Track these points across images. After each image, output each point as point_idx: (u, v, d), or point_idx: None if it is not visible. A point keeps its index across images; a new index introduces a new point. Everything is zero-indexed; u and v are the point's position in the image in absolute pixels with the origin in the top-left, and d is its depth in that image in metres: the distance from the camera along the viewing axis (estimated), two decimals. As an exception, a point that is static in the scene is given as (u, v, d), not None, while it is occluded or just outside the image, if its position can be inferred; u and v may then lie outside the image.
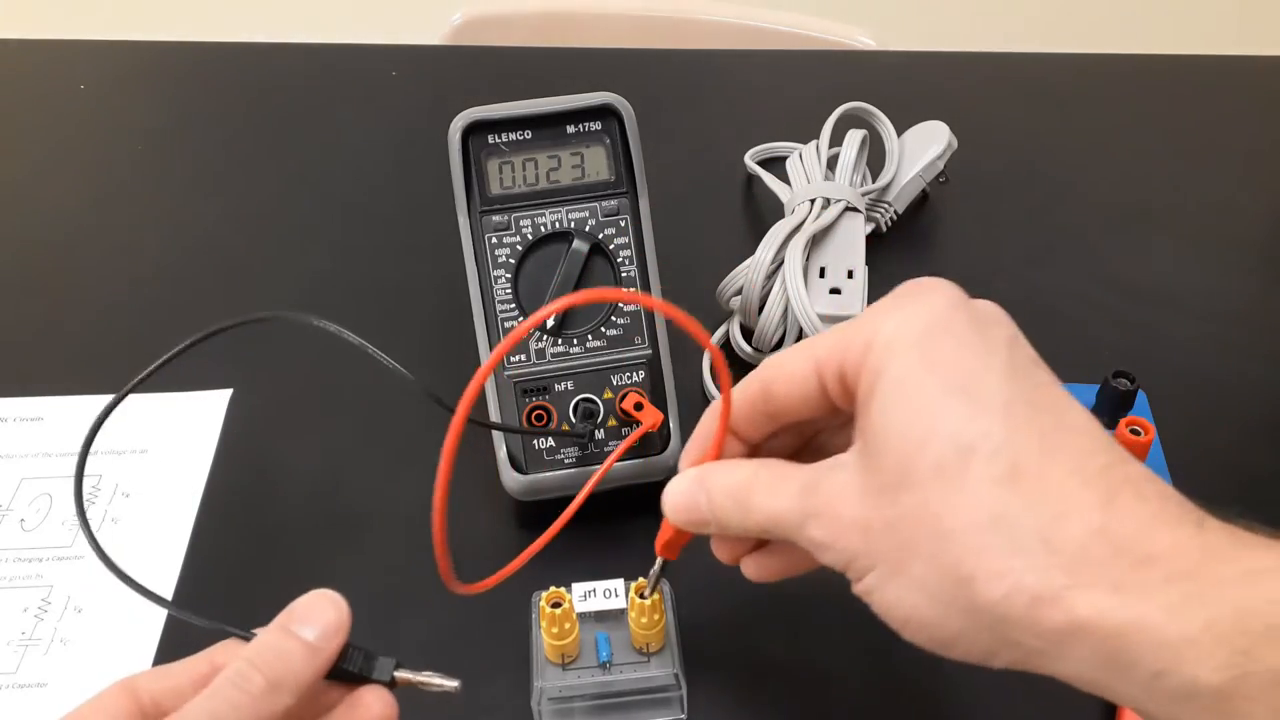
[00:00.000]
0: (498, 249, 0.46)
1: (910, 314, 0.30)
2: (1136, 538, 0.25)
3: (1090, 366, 0.50)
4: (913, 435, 0.28)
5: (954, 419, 0.27)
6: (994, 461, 0.26)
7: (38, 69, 0.82)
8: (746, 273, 0.53)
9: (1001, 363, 0.28)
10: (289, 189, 0.69)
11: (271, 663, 0.30)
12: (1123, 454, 0.28)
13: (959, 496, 0.26)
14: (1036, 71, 0.81)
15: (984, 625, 0.27)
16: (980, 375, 0.28)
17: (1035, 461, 0.26)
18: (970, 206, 0.67)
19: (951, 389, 0.28)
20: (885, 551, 0.28)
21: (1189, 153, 0.72)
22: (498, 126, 0.46)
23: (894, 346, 0.29)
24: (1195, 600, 0.24)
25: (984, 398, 0.27)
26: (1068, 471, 0.26)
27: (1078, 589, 0.25)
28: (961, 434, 0.27)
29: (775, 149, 0.69)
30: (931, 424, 0.27)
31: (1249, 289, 0.61)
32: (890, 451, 0.28)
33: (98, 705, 0.30)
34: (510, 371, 0.46)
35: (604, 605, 0.40)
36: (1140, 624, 0.24)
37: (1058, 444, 0.27)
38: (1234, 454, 0.51)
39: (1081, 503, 0.26)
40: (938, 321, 0.29)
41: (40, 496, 0.49)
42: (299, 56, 0.83)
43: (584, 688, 0.39)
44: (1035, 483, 0.26)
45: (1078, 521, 0.25)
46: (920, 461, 0.27)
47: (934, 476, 0.27)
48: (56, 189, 0.70)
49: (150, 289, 0.61)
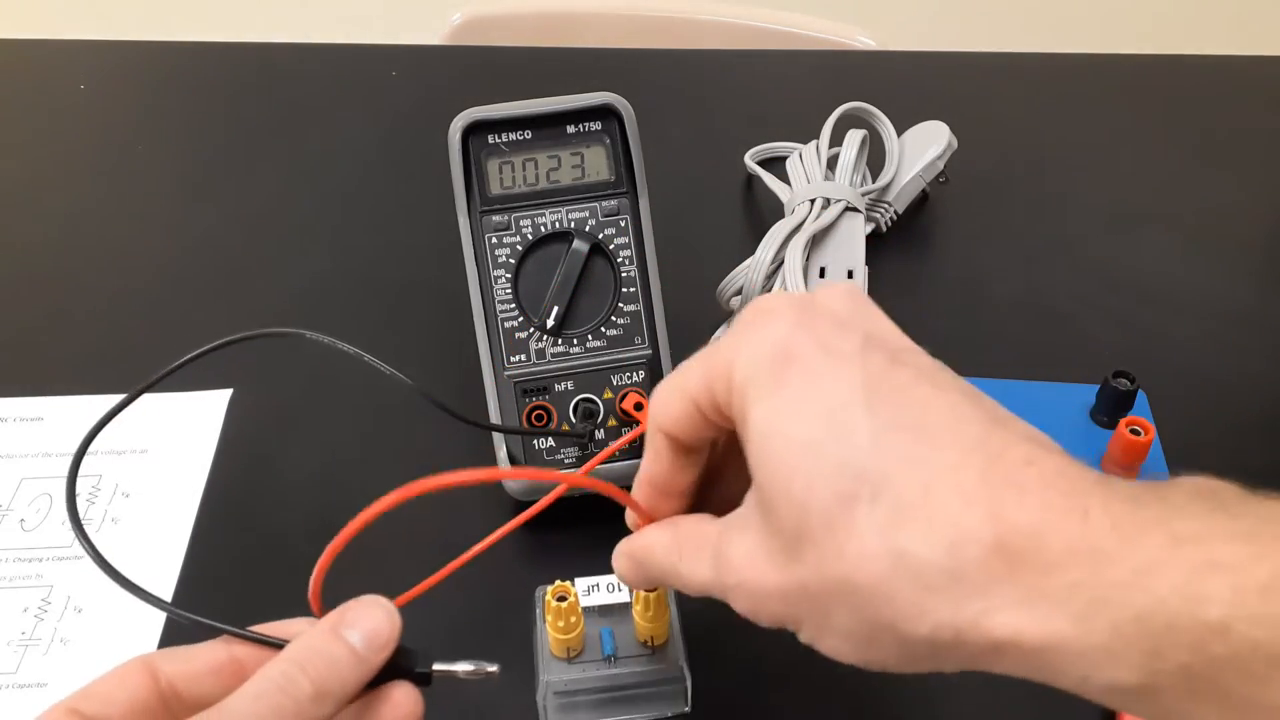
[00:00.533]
0: (498, 249, 0.46)
1: (755, 350, 0.29)
2: (1030, 546, 0.25)
3: (1090, 366, 0.50)
4: (794, 494, 0.27)
5: (826, 470, 0.27)
6: (877, 505, 0.26)
7: (38, 69, 0.82)
8: (746, 273, 0.53)
9: (858, 386, 0.28)
10: (289, 189, 0.69)
11: (321, 670, 0.28)
12: (994, 430, 0.27)
13: (855, 546, 0.26)
14: (1036, 71, 0.81)
15: (922, 654, 0.27)
16: (839, 411, 0.28)
17: (915, 492, 0.26)
18: (970, 206, 0.67)
19: (815, 438, 0.27)
20: (808, 611, 0.29)
21: (1189, 153, 0.72)
22: (498, 126, 0.46)
23: (748, 391, 0.29)
24: (1099, 607, 0.24)
25: (849, 436, 0.27)
26: (948, 490, 0.26)
27: (991, 612, 0.25)
28: (837, 484, 0.27)
29: (775, 149, 0.69)
30: (807, 481, 0.27)
31: (1249, 289, 0.61)
32: (779, 511, 0.28)
33: (117, 679, 0.29)
34: (510, 371, 0.46)
35: (608, 599, 0.40)
36: (1055, 638, 0.25)
37: (931, 465, 0.26)
38: (1234, 454, 0.51)
39: (971, 523, 0.25)
40: (782, 354, 0.29)
41: (40, 496, 0.49)
42: (299, 56, 0.83)
43: (589, 681, 0.39)
44: (921, 513, 0.26)
45: (973, 544, 0.25)
46: (809, 519, 0.27)
47: (826, 532, 0.27)
48: (56, 189, 0.70)
49: (150, 288, 0.61)
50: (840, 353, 0.29)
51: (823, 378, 0.28)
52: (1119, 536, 0.25)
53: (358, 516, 0.30)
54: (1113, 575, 0.24)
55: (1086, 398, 0.47)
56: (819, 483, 0.27)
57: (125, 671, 0.29)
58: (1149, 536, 0.24)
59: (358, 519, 0.30)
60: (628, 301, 0.46)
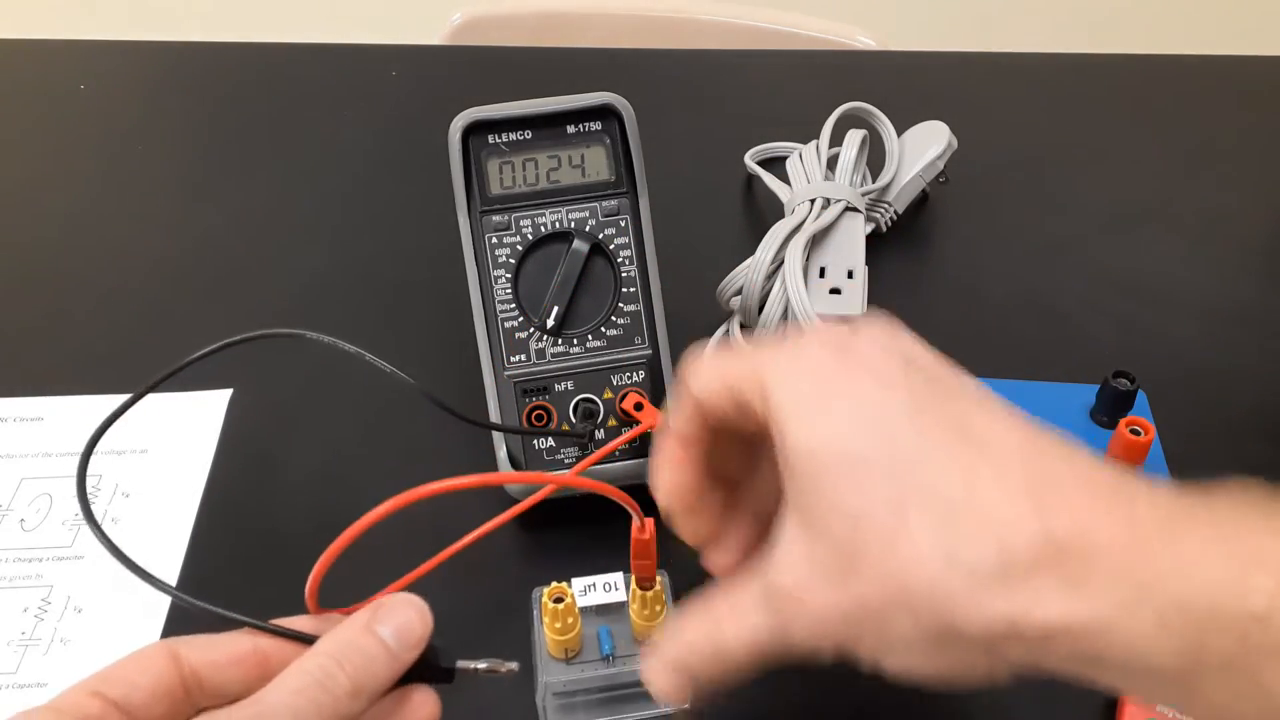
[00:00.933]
0: (498, 249, 0.46)
1: (796, 369, 0.31)
2: (1077, 535, 0.26)
3: (1090, 366, 0.50)
4: (847, 506, 0.28)
5: (877, 480, 0.28)
6: (927, 511, 0.27)
7: (38, 69, 0.82)
8: (746, 273, 0.53)
9: (902, 402, 0.29)
10: (289, 188, 0.69)
11: (358, 665, 0.29)
12: (1034, 438, 0.28)
13: (910, 551, 0.27)
14: (1036, 71, 0.81)
15: (979, 652, 0.28)
16: (886, 425, 0.29)
17: (963, 494, 0.27)
18: (970, 206, 0.67)
19: (864, 452, 0.28)
20: (870, 628, 0.29)
21: (1189, 153, 0.72)
22: (498, 126, 0.46)
23: (787, 409, 0.30)
24: (1144, 593, 0.25)
25: (896, 448, 0.28)
26: (995, 491, 0.27)
27: (1042, 601, 0.26)
28: (888, 493, 0.28)
29: (775, 149, 0.69)
30: (859, 492, 0.28)
31: (1249, 289, 0.61)
32: (831, 527, 0.29)
33: (139, 663, 0.29)
34: (510, 371, 0.46)
35: (604, 599, 0.40)
36: (1102, 623, 0.26)
37: (977, 469, 0.28)
38: (1234, 454, 0.51)
39: (1018, 517, 0.27)
40: (827, 375, 0.30)
41: (40, 496, 0.49)
42: (299, 56, 0.83)
43: (589, 681, 0.39)
44: (970, 513, 0.27)
45: (1021, 537, 0.26)
46: (863, 531, 0.28)
47: (879, 541, 0.28)
48: (56, 189, 0.70)
49: (150, 288, 0.61)
50: (883, 373, 0.30)
51: (868, 396, 0.29)
52: (1163, 531, 0.26)
53: (356, 522, 0.30)
54: (1158, 565, 0.25)
55: (1086, 398, 0.47)
56: (871, 493, 0.28)
57: (148, 655, 0.30)
58: (1194, 532, 0.26)
59: (356, 524, 0.30)
60: (628, 301, 0.46)
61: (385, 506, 0.30)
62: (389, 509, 0.30)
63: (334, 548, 0.30)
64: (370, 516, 0.30)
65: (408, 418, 0.52)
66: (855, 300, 0.54)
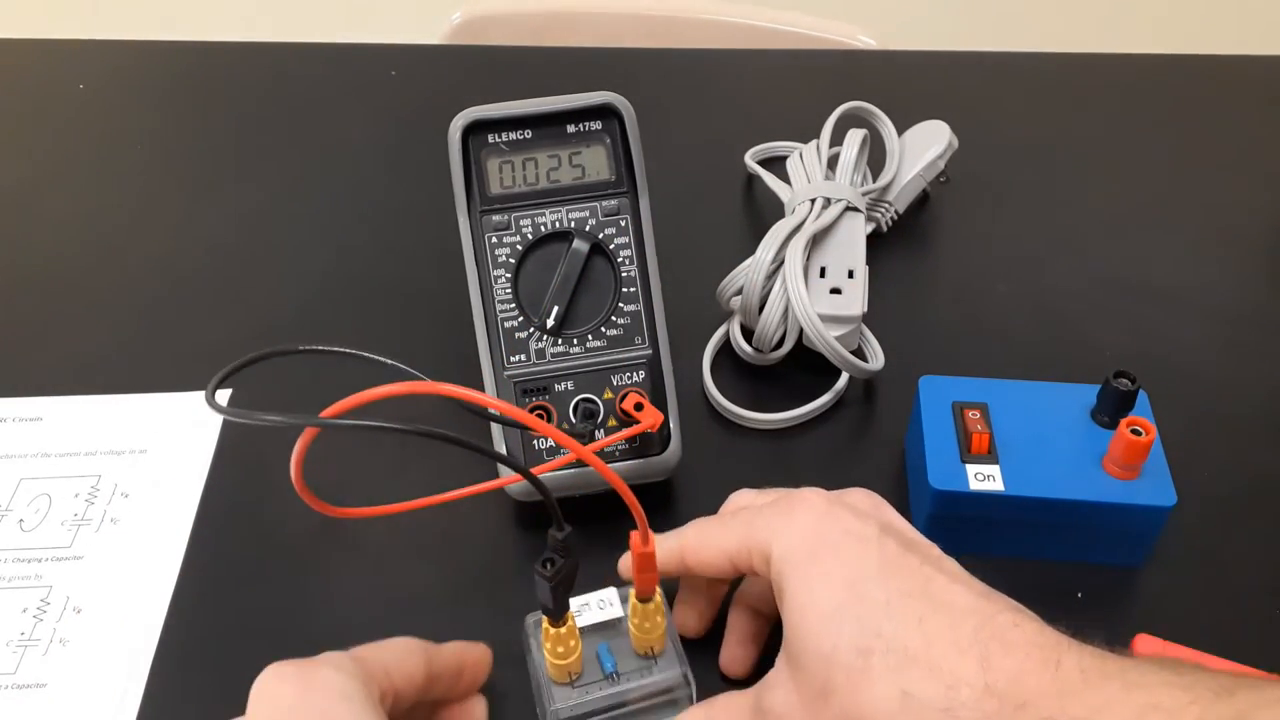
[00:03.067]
0: (498, 249, 0.46)
1: (793, 533, 0.36)
2: (1012, 688, 0.31)
3: (1090, 366, 0.50)
4: (822, 650, 0.34)
5: (848, 629, 0.33)
6: (889, 656, 0.33)
7: (38, 69, 0.82)
8: (747, 273, 0.53)
9: (875, 563, 0.35)
10: (289, 188, 0.69)
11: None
12: (986, 601, 0.34)
13: (871, 690, 0.32)
14: (1036, 71, 0.81)
15: None
16: (860, 583, 0.34)
17: (920, 646, 0.32)
18: (970, 206, 0.67)
19: (839, 604, 0.34)
20: None
21: (1189, 153, 0.72)
22: (498, 126, 0.46)
23: (784, 569, 0.36)
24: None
25: (868, 603, 0.34)
26: (947, 646, 0.32)
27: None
28: (858, 641, 0.33)
29: (775, 149, 0.69)
30: (834, 639, 0.34)
31: (1250, 289, 0.61)
32: (809, 666, 0.34)
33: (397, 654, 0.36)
34: (510, 371, 0.46)
35: (599, 617, 0.39)
36: None
37: (933, 624, 0.33)
38: (1234, 454, 0.51)
39: (964, 670, 0.32)
40: (814, 537, 0.36)
41: (39, 496, 0.49)
42: (299, 56, 0.83)
43: (596, 703, 0.38)
44: (924, 663, 0.32)
45: (965, 687, 0.31)
46: (835, 670, 0.33)
47: (847, 679, 0.33)
48: (56, 189, 0.69)
49: (150, 288, 0.61)
50: (861, 536, 0.36)
51: (846, 556, 0.35)
52: (1083, 682, 0.31)
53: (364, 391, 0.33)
54: (1075, 710, 0.30)
55: (1087, 398, 0.47)
56: (842, 640, 0.33)
57: (407, 648, 0.36)
58: (1108, 683, 0.30)
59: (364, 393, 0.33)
60: (628, 301, 0.46)
61: (401, 387, 0.32)
62: (405, 389, 0.32)
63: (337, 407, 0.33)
64: (381, 390, 0.32)
65: (407, 418, 0.52)
66: (855, 300, 0.54)
